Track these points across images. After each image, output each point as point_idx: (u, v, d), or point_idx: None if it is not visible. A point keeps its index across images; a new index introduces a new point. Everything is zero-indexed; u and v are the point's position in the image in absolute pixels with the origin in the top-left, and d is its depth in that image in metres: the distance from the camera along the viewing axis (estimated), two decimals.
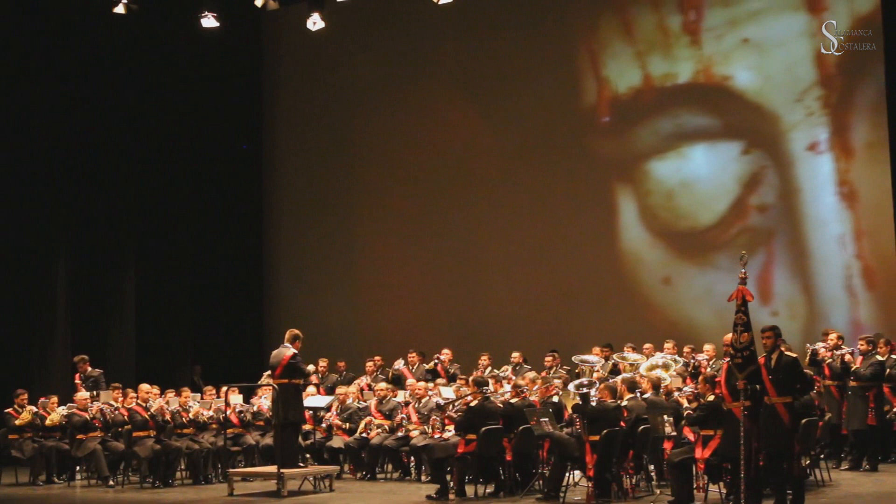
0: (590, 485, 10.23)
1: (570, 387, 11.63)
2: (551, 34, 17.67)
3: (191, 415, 13.33)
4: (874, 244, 15.28)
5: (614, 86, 17.18)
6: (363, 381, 15.24)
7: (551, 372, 14.13)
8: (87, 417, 13.10)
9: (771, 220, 15.98)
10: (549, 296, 17.30)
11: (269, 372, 12.75)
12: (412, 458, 12.79)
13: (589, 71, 17.41)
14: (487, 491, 11.18)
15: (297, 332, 12.32)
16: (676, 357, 13.54)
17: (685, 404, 10.99)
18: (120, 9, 16.15)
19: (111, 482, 12.78)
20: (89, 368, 14.47)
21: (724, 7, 16.40)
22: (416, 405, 12.95)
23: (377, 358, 15.95)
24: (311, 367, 13.40)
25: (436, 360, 15.49)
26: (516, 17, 17.83)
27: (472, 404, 11.19)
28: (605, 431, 10.17)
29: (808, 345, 13.19)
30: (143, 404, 13.02)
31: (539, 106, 17.50)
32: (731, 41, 16.32)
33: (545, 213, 17.41)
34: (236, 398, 13.98)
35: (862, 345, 12.65)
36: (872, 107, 15.25)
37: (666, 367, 12.89)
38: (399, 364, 15.37)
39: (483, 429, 10.88)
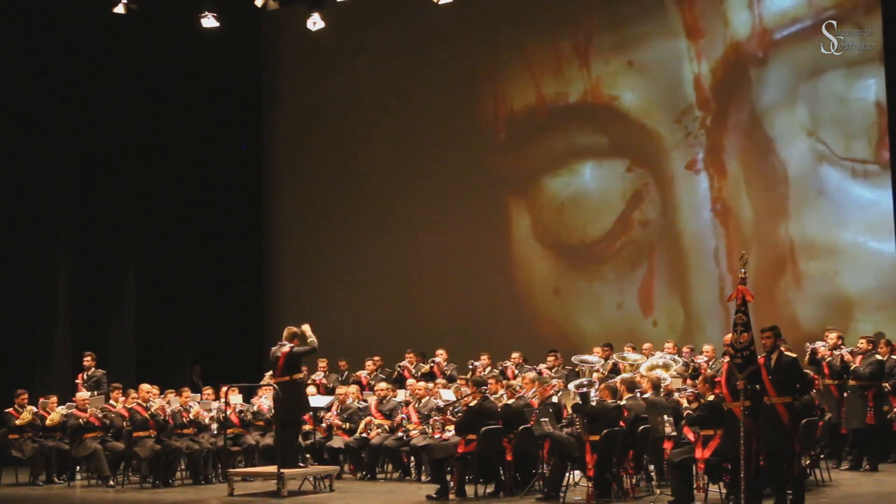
0: (590, 485, 10.23)
1: (571, 386, 11.64)
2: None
3: (191, 415, 13.33)
4: None
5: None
6: (361, 374, 15.34)
7: (553, 371, 14.16)
8: (86, 417, 13.09)
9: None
10: (551, 297, 17.37)
11: (270, 372, 12.73)
12: (412, 458, 12.79)
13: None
14: (487, 491, 11.18)
15: (295, 329, 12.31)
16: (676, 357, 13.56)
17: (685, 404, 10.99)
18: (120, 9, 16.13)
19: (111, 482, 12.78)
20: (94, 367, 14.49)
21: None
22: (416, 405, 12.95)
23: (377, 358, 15.99)
24: (305, 326, 13.01)
25: (431, 363, 15.54)
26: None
27: (472, 404, 11.19)
28: (605, 431, 10.17)
29: (808, 344, 13.22)
30: (144, 404, 13.01)
31: None
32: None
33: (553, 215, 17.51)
34: (236, 398, 13.97)
35: (862, 344, 12.65)
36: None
37: (666, 367, 12.91)
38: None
39: (483, 429, 10.88)
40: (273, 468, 11.83)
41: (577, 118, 17.25)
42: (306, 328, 12.42)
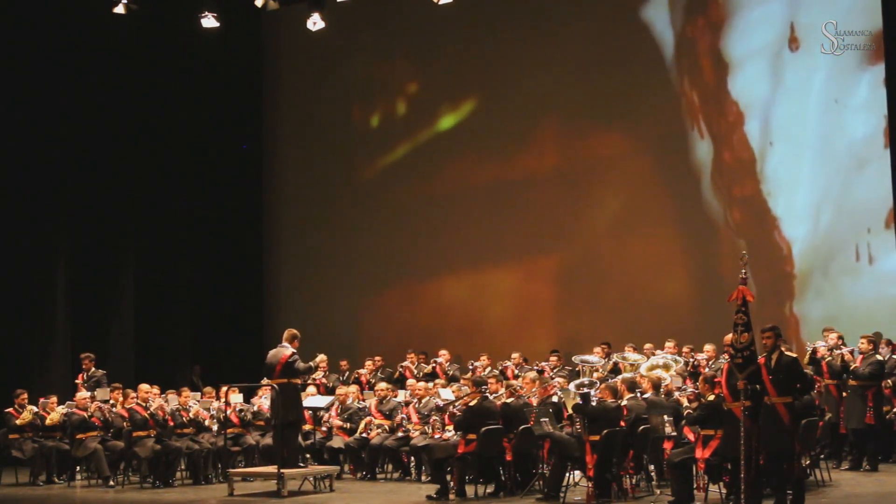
0: (590, 485, 10.23)
1: (571, 387, 11.63)
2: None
3: (191, 414, 13.33)
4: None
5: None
6: (361, 372, 15.36)
7: (554, 371, 14.16)
8: (86, 416, 13.10)
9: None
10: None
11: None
12: (412, 458, 12.79)
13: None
14: (487, 491, 11.18)
15: (295, 331, 12.28)
16: (677, 357, 13.56)
17: (685, 404, 10.99)
18: (120, 9, 16.13)
19: (111, 482, 12.77)
20: (93, 368, 14.49)
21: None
22: (417, 405, 12.95)
23: (377, 358, 15.99)
24: (320, 357, 13.40)
25: (434, 363, 15.55)
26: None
27: (471, 404, 11.18)
28: (605, 431, 10.17)
29: (808, 344, 13.22)
30: (143, 404, 13.01)
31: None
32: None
33: (547, 216, 17.40)
34: (236, 398, 13.96)
35: (863, 344, 12.64)
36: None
37: (667, 366, 12.90)
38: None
39: (483, 429, 10.88)
40: (273, 468, 11.83)
41: (575, 124, 17.17)
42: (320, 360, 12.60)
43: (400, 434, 12.75)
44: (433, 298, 18.09)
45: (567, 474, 10.64)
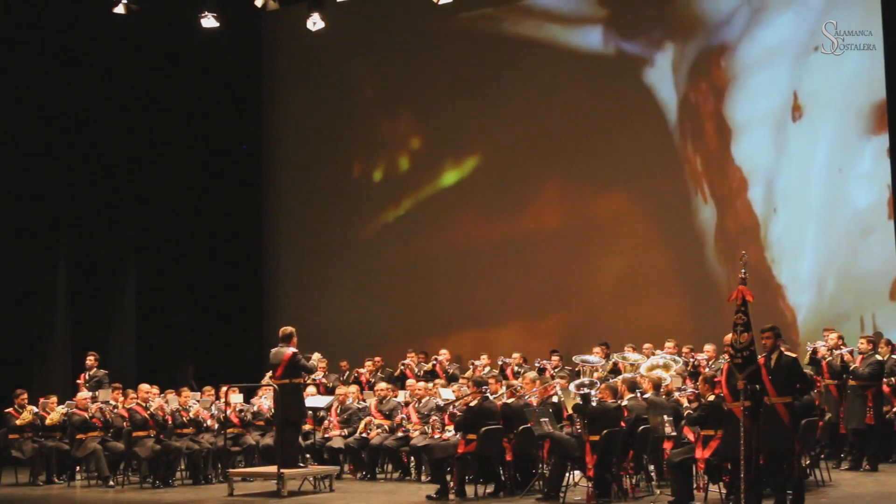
0: (590, 485, 10.24)
1: (571, 387, 11.63)
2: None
3: (191, 414, 13.33)
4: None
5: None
6: (361, 371, 15.36)
7: (555, 371, 14.16)
8: (87, 416, 13.11)
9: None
10: (550, 297, 17.27)
11: (270, 373, 12.72)
12: (412, 458, 12.79)
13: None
14: (487, 491, 11.18)
15: (290, 329, 12.29)
16: (676, 357, 13.55)
17: (685, 404, 10.99)
18: (120, 9, 16.13)
19: (111, 482, 12.78)
20: (96, 367, 14.50)
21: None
22: (416, 405, 12.95)
23: (377, 358, 15.98)
24: (316, 356, 13.42)
25: (434, 361, 15.55)
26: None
27: (472, 404, 11.19)
28: (605, 431, 10.18)
29: (808, 344, 13.21)
30: (143, 404, 13.02)
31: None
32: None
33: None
34: (236, 398, 13.97)
35: (862, 344, 12.64)
36: None
37: (666, 366, 12.89)
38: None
39: (483, 429, 10.88)
40: (273, 468, 11.84)
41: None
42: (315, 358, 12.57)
43: (400, 434, 12.75)
44: (434, 298, 17.94)
45: (567, 474, 10.64)
